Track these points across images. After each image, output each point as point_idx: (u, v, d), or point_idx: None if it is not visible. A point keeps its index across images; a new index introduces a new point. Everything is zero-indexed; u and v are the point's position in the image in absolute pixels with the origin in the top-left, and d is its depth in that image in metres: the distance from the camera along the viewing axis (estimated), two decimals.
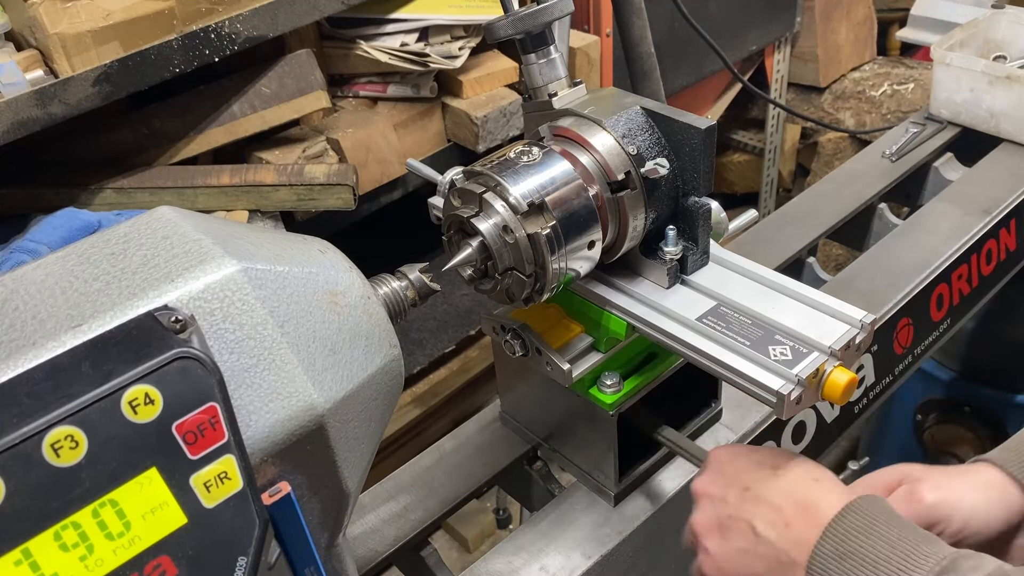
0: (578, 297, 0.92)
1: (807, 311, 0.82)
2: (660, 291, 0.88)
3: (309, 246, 0.66)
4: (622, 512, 1.00)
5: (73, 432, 0.46)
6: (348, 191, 1.45)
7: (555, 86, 0.88)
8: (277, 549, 0.58)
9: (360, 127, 1.60)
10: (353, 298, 0.64)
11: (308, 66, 1.50)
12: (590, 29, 2.06)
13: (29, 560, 0.46)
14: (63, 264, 0.57)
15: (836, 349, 0.77)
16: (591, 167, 0.82)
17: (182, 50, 1.29)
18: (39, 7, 1.20)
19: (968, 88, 1.49)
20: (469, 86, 1.70)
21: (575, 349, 0.92)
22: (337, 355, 0.61)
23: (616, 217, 0.83)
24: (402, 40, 1.62)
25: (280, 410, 0.57)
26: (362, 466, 0.66)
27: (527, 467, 1.11)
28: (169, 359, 0.49)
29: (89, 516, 0.47)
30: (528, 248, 0.78)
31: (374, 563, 1.00)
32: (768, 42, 2.69)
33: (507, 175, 0.78)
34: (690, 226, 0.87)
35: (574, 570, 0.95)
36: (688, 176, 0.84)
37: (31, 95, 1.18)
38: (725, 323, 0.82)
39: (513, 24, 0.84)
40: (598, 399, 0.93)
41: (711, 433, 1.08)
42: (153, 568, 0.49)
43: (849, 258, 2.40)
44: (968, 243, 1.30)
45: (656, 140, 0.84)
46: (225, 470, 0.51)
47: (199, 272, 0.56)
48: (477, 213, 0.79)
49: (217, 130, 1.47)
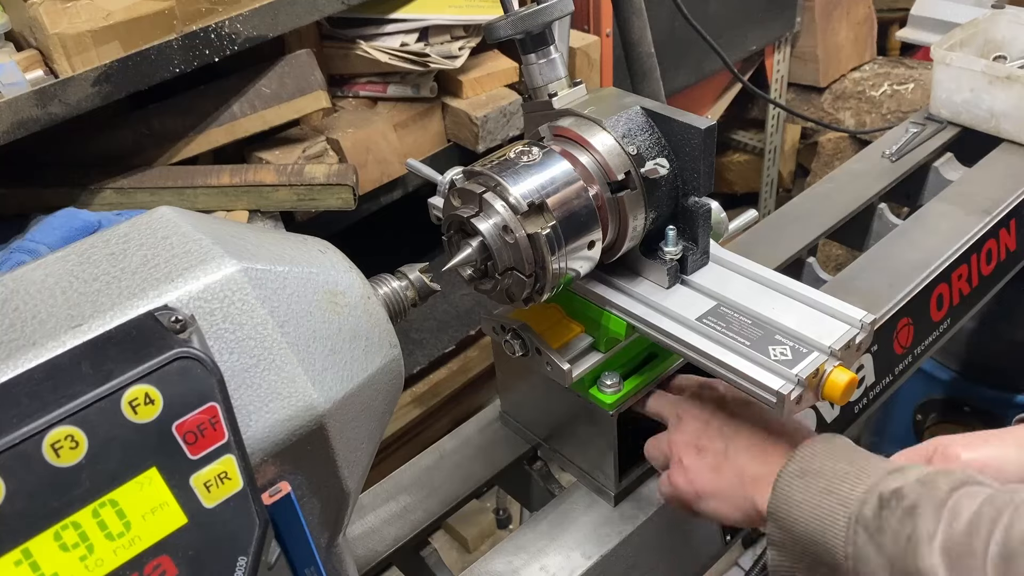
0: (578, 297, 0.92)
1: (807, 311, 0.82)
2: (660, 291, 0.88)
3: (309, 246, 0.66)
4: (622, 512, 1.00)
5: (73, 432, 0.46)
6: (348, 191, 1.45)
7: (555, 86, 0.88)
8: (277, 549, 0.58)
9: (360, 127, 1.60)
10: (353, 298, 0.64)
11: (308, 66, 1.50)
12: (590, 29, 2.06)
13: (29, 560, 0.46)
14: (63, 264, 0.57)
15: (836, 349, 0.77)
16: (591, 167, 0.82)
17: (182, 50, 1.29)
18: (39, 7, 1.20)
19: (968, 88, 1.49)
20: (469, 86, 1.70)
21: (575, 349, 0.92)
22: (337, 355, 0.61)
23: (616, 217, 0.83)
24: (402, 40, 1.62)
25: (280, 410, 0.57)
26: (362, 466, 0.66)
27: (527, 467, 1.11)
28: (169, 359, 0.49)
29: (89, 516, 0.47)
30: (528, 248, 0.78)
31: (374, 563, 1.00)
32: (768, 42, 2.69)
33: (507, 175, 0.78)
34: (690, 226, 0.87)
35: (574, 570, 0.95)
36: (688, 176, 0.84)
37: (31, 95, 1.18)
38: (725, 323, 0.82)
39: (513, 24, 0.84)
40: (598, 399, 0.93)
41: None
42: (153, 568, 0.50)
43: (849, 258, 2.39)
44: (968, 243, 1.30)
45: (656, 140, 0.84)
46: (225, 470, 0.51)
47: (199, 272, 0.56)
48: (477, 213, 0.79)
49: (217, 130, 1.47)
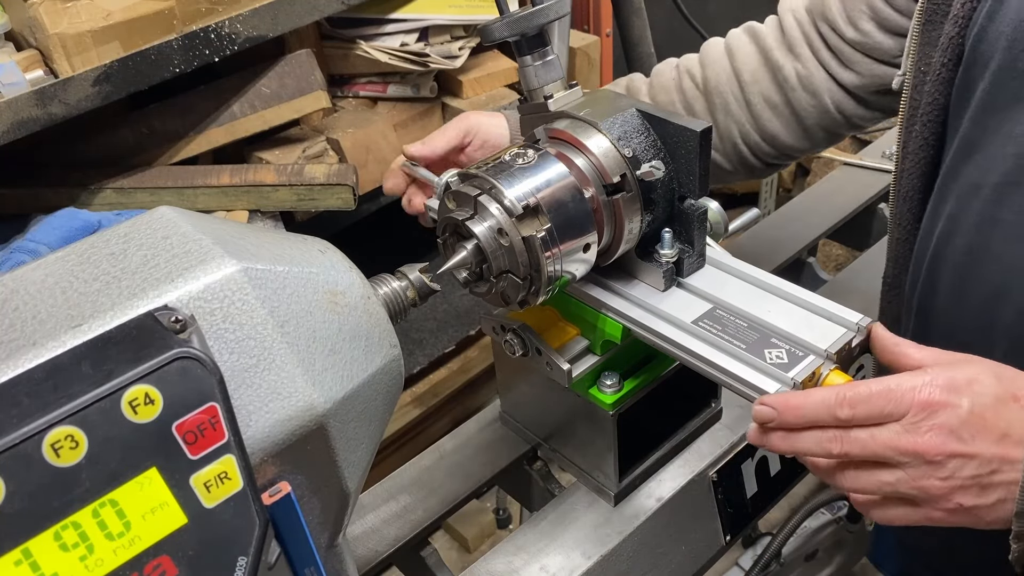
0: (574, 300, 0.92)
1: (803, 314, 0.82)
2: (656, 294, 0.88)
3: (309, 246, 0.66)
4: (622, 512, 1.00)
5: (73, 432, 0.46)
6: (348, 191, 1.45)
7: (551, 88, 0.88)
8: (277, 549, 0.58)
9: (360, 127, 1.60)
10: (353, 298, 0.64)
11: (308, 66, 1.50)
12: (590, 29, 2.06)
13: (29, 560, 0.46)
14: (63, 264, 0.57)
15: (832, 352, 0.77)
16: (586, 169, 0.82)
17: (182, 50, 1.29)
18: (39, 7, 1.20)
19: None
20: (469, 86, 1.70)
21: (574, 349, 0.92)
22: (337, 355, 0.61)
23: (612, 220, 0.83)
24: (402, 40, 1.62)
25: (280, 410, 0.57)
26: (362, 466, 0.66)
27: (527, 467, 1.11)
28: (169, 359, 0.49)
29: (89, 516, 0.47)
30: (523, 251, 0.77)
31: (374, 563, 1.00)
32: None
33: (502, 178, 0.78)
34: (686, 228, 0.87)
35: (574, 570, 0.95)
36: (684, 178, 0.84)
37: (31, 95, 1.18)
38: (721, 326, 0.82)
39: (508, 26, 0.84)
40: (598, 399, 0.93)
41: (711, 433, 1.09)
42: (153, 568, 0.50)
43: (849, 258, 2.39)
44: None
45: (652, 142, 0.84)
46: (225, 470, 0.52)
47: (199, 272, 0.56)
48: (472, 216, 0.79)
49: (217, 130, 1.47)
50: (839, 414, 0.67)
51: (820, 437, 0.69)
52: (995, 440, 0.65)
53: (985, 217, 0.85)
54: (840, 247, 2.56)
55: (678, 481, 1.03)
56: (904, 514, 0.70)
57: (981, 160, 0.85)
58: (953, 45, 0.87)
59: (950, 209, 0.89)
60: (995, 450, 0.65)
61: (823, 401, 0.68)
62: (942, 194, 0.91)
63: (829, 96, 1.09)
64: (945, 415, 0.65)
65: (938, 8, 0.89)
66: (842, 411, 0.67)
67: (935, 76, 0.89)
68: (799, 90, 1.10)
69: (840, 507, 1.23)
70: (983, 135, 0.85)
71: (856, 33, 1.04)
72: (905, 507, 0.69)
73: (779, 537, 1.12)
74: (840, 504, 1.21)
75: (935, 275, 0.92)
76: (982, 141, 0.85)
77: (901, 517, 0.70)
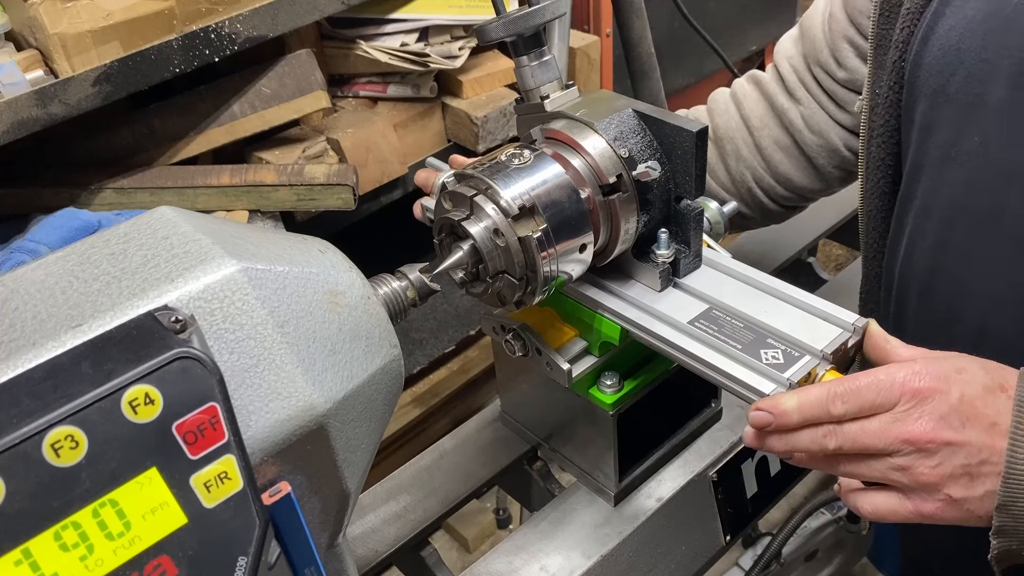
0: (571, 300, 0.92)
1: (799, 314, 0.82)
2: (652, 294, 0.87)
3: (309, 246, 0.66)
4: (622, 512, 1.01)
5: (73, 432, 0.46)
6: (348, 191, 1.45)
7: (547, 88, 0.88)
8: (277, 549, 0.58)
9: (360, 127, 1.60)
10: (353, 298, 0.64)
11: (308, 66, 1.50)
12: (590, 29, 2.07)
13: (29, 560, 0.46)
14: (63, 264, 0.57)
15: (828, 352, 0.77)
16: (583, 170, 0.82)
17: (182, 50, 1.29)
18: (39, 7, 1.20)
19: None
20: (469, 86, 1.70)
21: (574, 350, 0.92)
22: (337, 355, 0.61)
23: (608, 220, 0.83)
24: (402, 40, 1.62)
25: (280, 410, 0.57)
26: (362, 466, 0.66)
27: (527, 467, 1.11)
28: (169, 359, 0.49)
29: (89, 516, 0.47)
30: (519, 251, 0.77)
31: (374, 563, 1.00)
32: (768, 42, 2.70)
33: (498, 178, 0.78)
34: (682, 229, 0.86)
35: (574, 570, 0.95)
36: (680, 179, 0.84)
37: (31, 95, 1.18)
38: (717, 326, 0.82)
39: (505, 26, 0.84)
40: (598, 399, 0.93)
41: (711, 433, 1.09)
42: (153, 568, 0.50)
43: (849, 258, 2.40)
44: None
45: (648, 143, 0.84)
46: (225, 470, 0.52)
47: (199, 272, 0.56)
48: (468, 216, 0.79)
49: (217, 130, 1.48)
50: (832, 410, 0.67)
51: (815, 434, 0.69)
52: (985, 428, 0.65)
53: (938, 240, 0.87)
54: (840, 247, 2.56)
55: (678, 481, 1.03)
56: (892, 507, 0.69)
57: (928, 183, 0.87)
58: (896, 69, 0.89)
59: (909, 230, 0.91)
60: (985, 439, 0.65)
61: (816, 399, 0.68)
62: (901, 214, 0.93)
63: (836, 135, 1.11)
64: (935, 402, 0.65)
65: (886, 33, 0.91)
66: (835, 407, 0.67)
67: (883, 100, 0.92)
68: (806, 131, 1.12)
69: (840, 507, 1.23)
70: (925, 158, 0.87)
71: (845, 72, 1.06)
72: (894, 499, 0.69)
73: (779, 537, 1.12)
74: (840, 504, 1.21)
75: (904, 291, 0.94)
76: (925, 164, 0.87)
77: (888, 509, 0.70)
